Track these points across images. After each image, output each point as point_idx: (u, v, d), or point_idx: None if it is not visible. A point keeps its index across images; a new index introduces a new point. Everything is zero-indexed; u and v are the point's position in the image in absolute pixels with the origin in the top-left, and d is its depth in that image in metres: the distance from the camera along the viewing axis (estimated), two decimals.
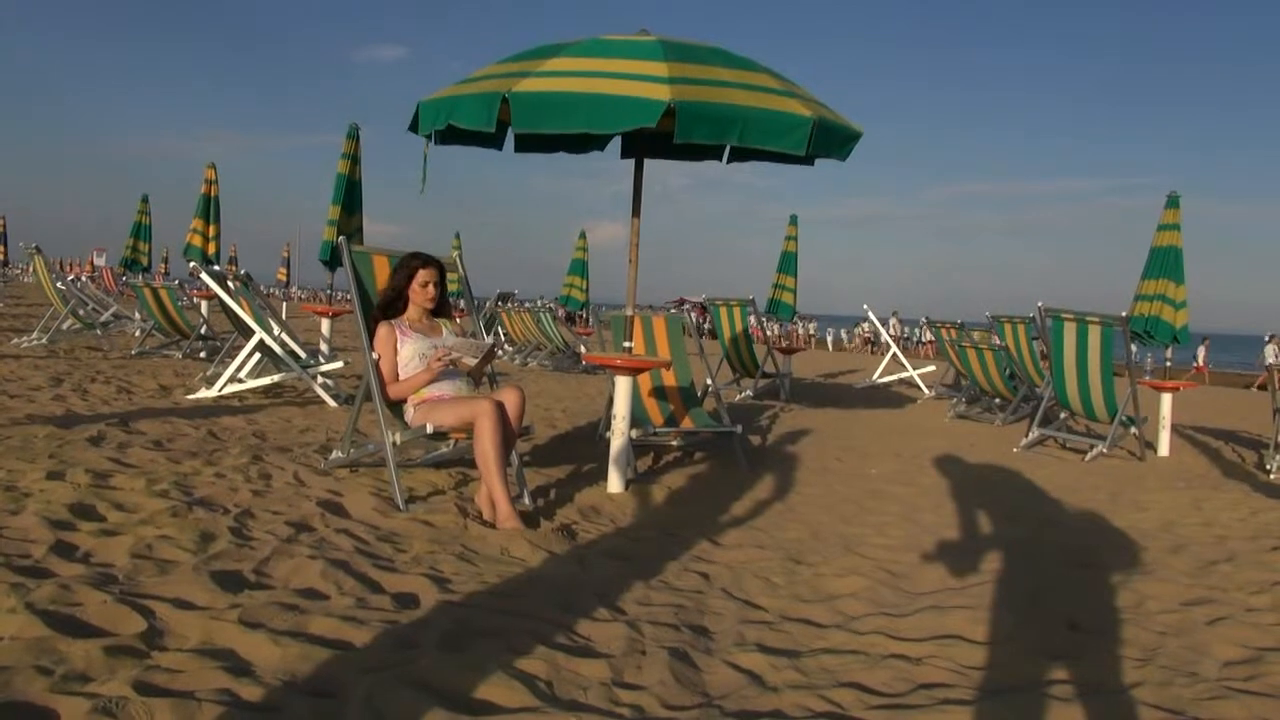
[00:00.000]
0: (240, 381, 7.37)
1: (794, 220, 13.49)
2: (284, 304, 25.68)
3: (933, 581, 3.61)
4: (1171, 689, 2.61)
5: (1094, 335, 7.58)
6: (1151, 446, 8.02)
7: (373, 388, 4.32)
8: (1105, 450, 7.57)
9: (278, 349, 7.46)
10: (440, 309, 4.60)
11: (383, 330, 4.42)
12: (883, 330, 16.98)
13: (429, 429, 4.13)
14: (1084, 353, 7.70)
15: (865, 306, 16.39)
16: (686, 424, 5.94)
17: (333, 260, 8.84)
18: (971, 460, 7.09)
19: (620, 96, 4.24)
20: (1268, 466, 7.26)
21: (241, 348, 7.61)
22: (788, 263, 13.38)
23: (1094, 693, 2.58)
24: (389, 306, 4.49)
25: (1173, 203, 8.53)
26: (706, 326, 19.05)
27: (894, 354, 14.93)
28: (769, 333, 14.60)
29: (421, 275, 4.48)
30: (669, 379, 6.15)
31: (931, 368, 14.58)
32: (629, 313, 5.27)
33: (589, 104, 4.24)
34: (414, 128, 4.91)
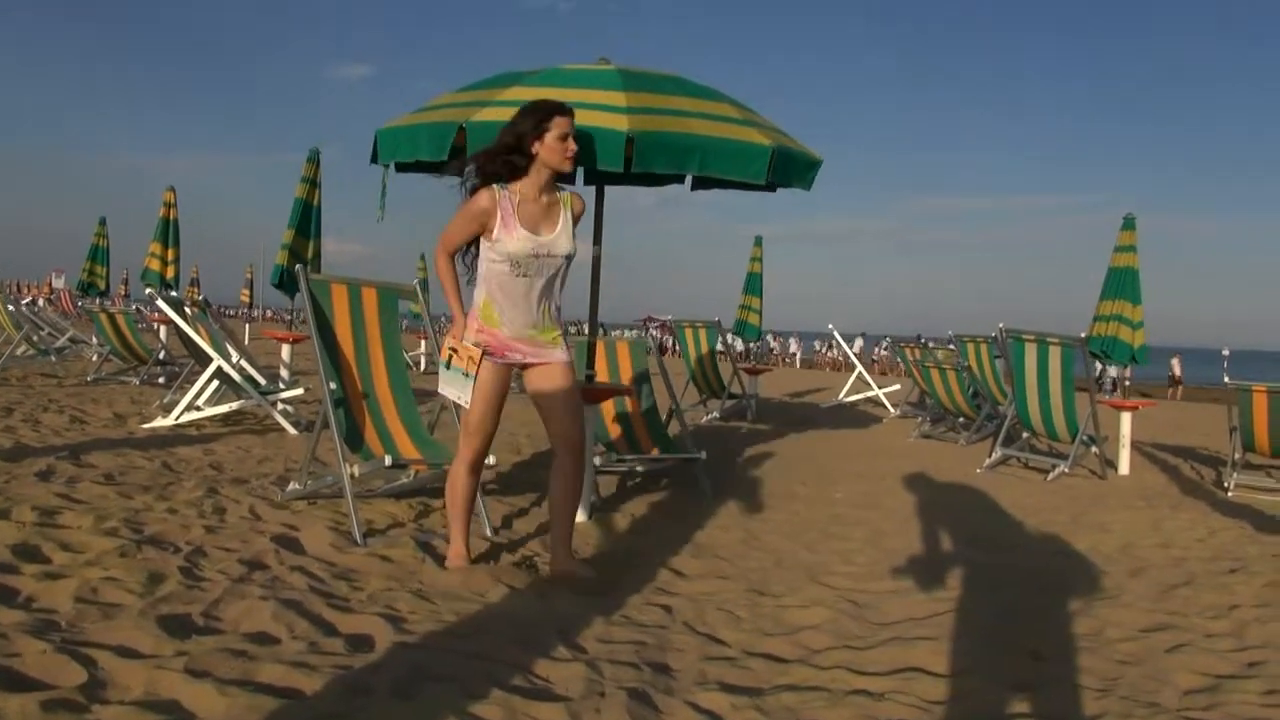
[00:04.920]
0: (198, 409, 7.24)
1: (759, 241, 13.58)
2: (246, 326, 25.36)
3: (897, 611, 3.60)
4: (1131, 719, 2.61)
5: (1054, 356, 7.67)
6: (1112, 465, 8.10)
7: (330, 416, 4.24)
8: (1067, 469, 7.64)
9: (236, 376, 7.34)
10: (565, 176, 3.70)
11: (485, 198, 3.41)
12: (847, 349, 17.08)
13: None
14: (1045, 373, 7.78)
15: (830, 326, 16.49)
16: (651, 450, 5.91)
17: (284, 284, 8.73)
18: (936, 482, 7.11)
19: (580, 128, 4.21)
20: (1225, 484, 7.36)
21: (200, 374, 7.48)
22: (753, 284, 13.44)
23: None
24: (494, 163, 3.47)
25: (1128, 224, 8.68)
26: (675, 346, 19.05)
27: (859, 373, 15.02)
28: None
29: (560, 123, 3.47)
30: (633, 404, 6.12)
31: (896, 387, 14.68)
32: (590, 339, 5.24)
33: None
34: (374, 158, 4.87)
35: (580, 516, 4.75)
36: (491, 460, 4.49)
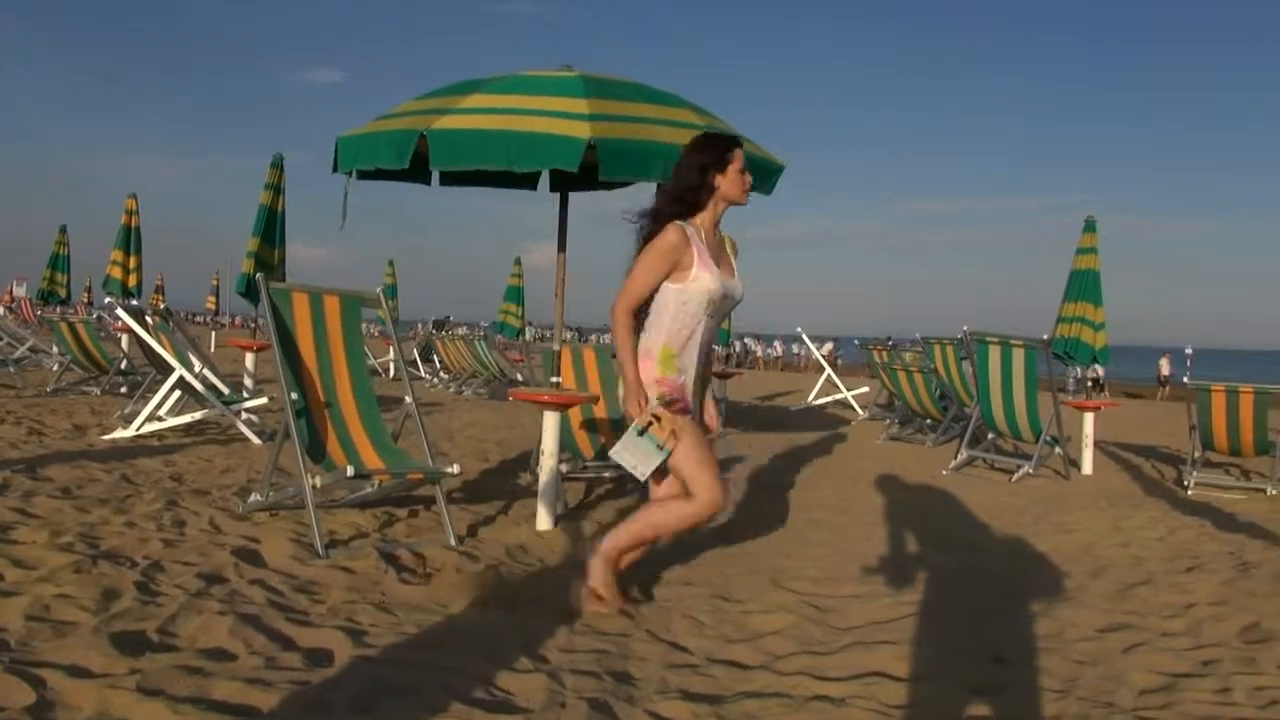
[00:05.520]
0: (160, 419, 7.15)
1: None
2: (213, 334, 25.10)
3: (860, 616, 3.62)
4: None
5: (1018, 358, 7.75)
6: (1076, 465, 8.20)
7: (291, 427, 4.20)
8: (1031, 470, 7.72)
9: (198, 386, 7.25)
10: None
11: (676, 234, 3.15)
12: (815, 351, 17.18)
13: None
14: (1009, 375, 7.86)
15: (799, 329, 16.58)
16: None
17: (250, 293, 8.65)
18: (903, 484, 7.17)
19: (540, 134, 4.22)
20: (1186, 483, 7.47)
21: (162, 384, 7.38)
22: None
23: None
24: (679, 202, 3.25)
25: (1090, 227, 8.79)
26: None
27: (828, 376, 15.11)
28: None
29: (739, 155, 3.30)
30: (600, 411, 6.11)
31: (865, 389, 14.78)
32: (555, 347, 5.23)
33: (509, 141, 4.22)
34: (335, 166, 4.83)
35: (545, 524, 4.75)
36: (455, 469, 4.48)
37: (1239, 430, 7.50)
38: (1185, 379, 8.12)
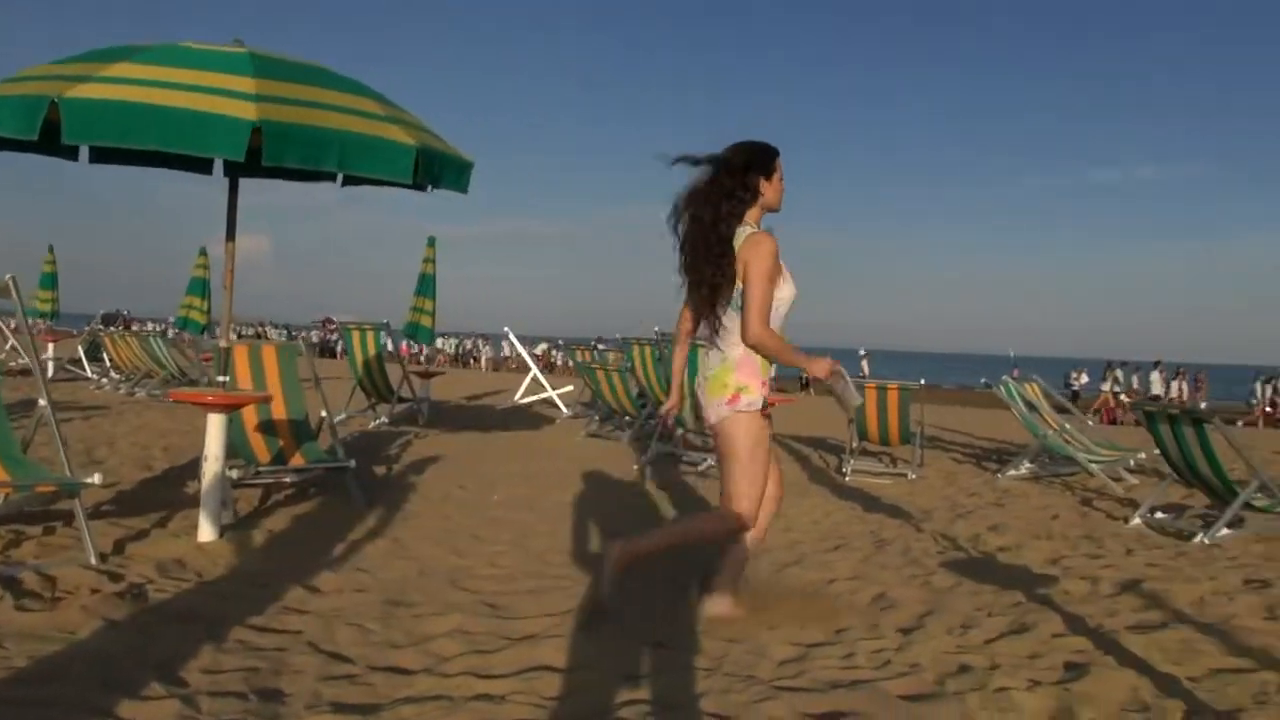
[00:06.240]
0: None
1: (432, 242, 13.33)
2: None
3: (534, 611, 3.65)
4: (730, 695, 2.82)
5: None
6: None
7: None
8: (713, 462, 8.21)
9: None
10: None
11: (776, 244, 3.26)
12: (522, 350, 17.30)
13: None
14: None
15: (506, 328, 16.62)
16: (296, 460, 5.59)
17: None
18: (594, 480, 7.36)
19: (198, 112, 3.88)
20: (844, 471, 8.27)
21: None
22: (426, 285, 13.18)
23: (664, 709, 2.72)
24: (741, 208, 3.32)
25: None
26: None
27: (534, 375, 15.25)
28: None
29: (780, 164, 3.41)
30: (279, 412, 5.76)
31: (570, 388, 15.07)
32: (223, 344, 4.86)
33: (159, 117, 3.84)
34: None
35: (207, 535, 4.40)
36: (96, 479, 4.03)
37: (888, 422, 8.43)
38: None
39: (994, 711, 2.75)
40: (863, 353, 38.21)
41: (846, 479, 8.01)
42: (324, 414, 5.96)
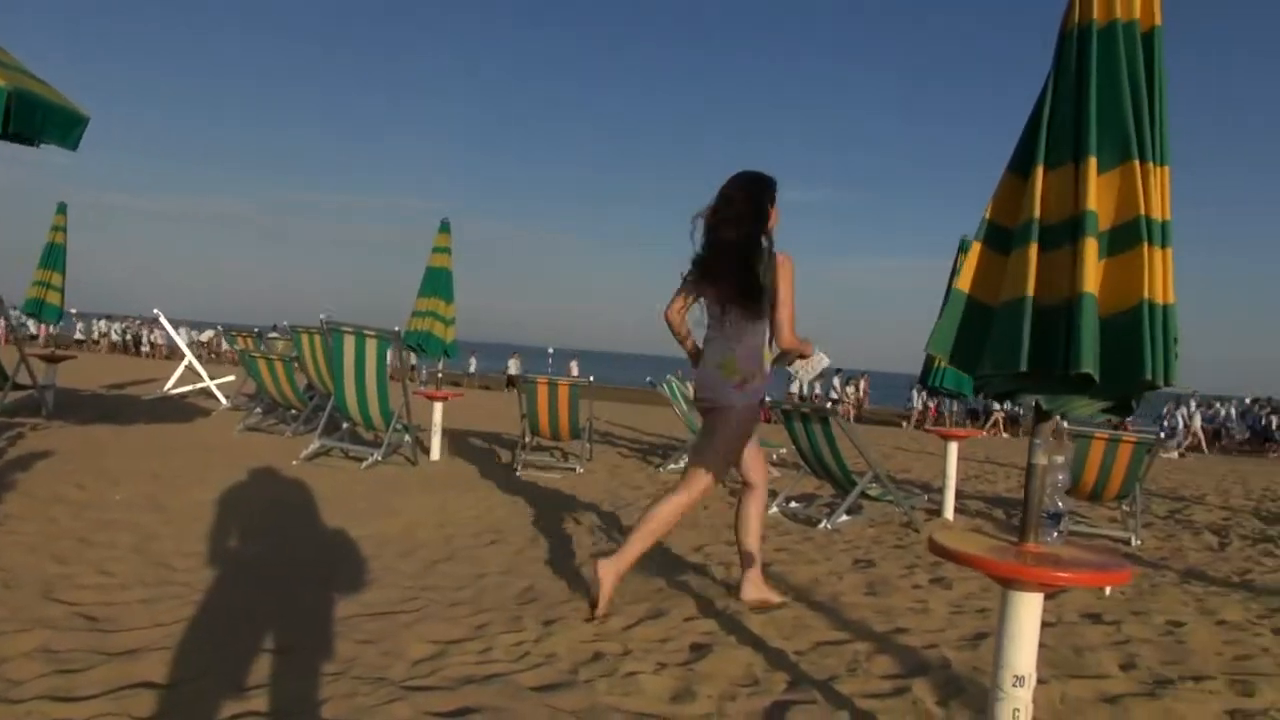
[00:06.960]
0: None
1: (62, 209, 11.74)
2: None
3: (143, 620, 3.27)
4: (355, 699, 2.67)
5: (371, 348, 7.90)
6: (426, 451, 8.63)
7: None
8: (380, 457, 7.92)
9: None
10: None
11: (793, 264, 3.73)
12: (174, 334, 15.74)
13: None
14: (361, 364, 7.97)
15: (156, 310, 15.03)
16: None
17: None
18: (242, 477, 6.80)
19: None
20: (515, 465, 8.30)
21: None
22: (54, 256, 11.58)
23: (280, 718, 2.52)
24: (760, 228, 3.70)
25: (444, 228, 9.34)
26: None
27: (189, 362, 13.95)
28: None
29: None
30: None
31: (230, 378, 13.95)
32: None
33: None
34: None
35: None
36: None
37: (558, 417, 8.58)
38: (508, 373, 9.03)
39: (619, 695, 2.83)
40: (550, 350, 38.73)
41: (518, 473, 8.05)
42: None
